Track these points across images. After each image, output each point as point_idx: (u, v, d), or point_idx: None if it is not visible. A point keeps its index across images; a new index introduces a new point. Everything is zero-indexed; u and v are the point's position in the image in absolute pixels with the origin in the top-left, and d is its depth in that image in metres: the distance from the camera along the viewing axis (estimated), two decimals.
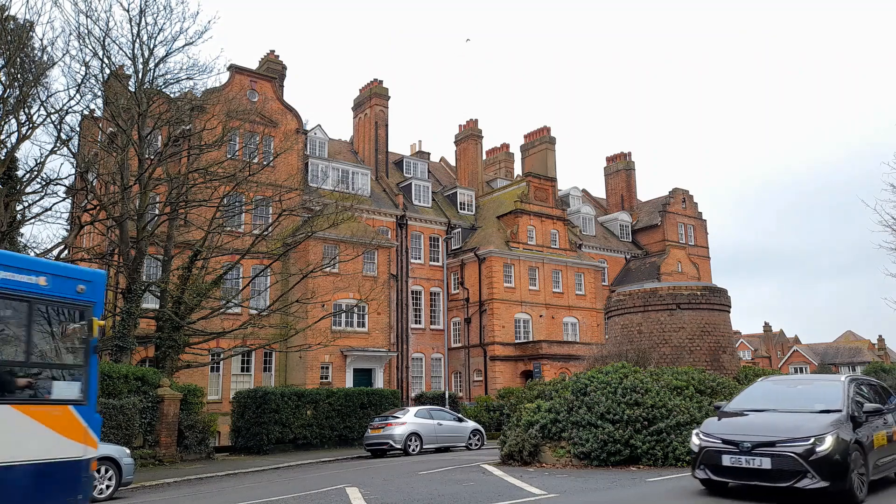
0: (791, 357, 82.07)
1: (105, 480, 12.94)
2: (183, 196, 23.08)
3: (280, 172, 33.19)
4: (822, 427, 8.77)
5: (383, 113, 44.58)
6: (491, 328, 39.26)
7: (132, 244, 22.27)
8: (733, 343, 19.80)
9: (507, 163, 56.24)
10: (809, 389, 10.47)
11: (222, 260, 26.30)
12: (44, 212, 21.26)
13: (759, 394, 10.69)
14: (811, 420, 9.05)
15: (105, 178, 24.47)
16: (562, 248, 44.07)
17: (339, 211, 26.50)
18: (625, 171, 57.59)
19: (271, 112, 35.35)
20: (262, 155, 32.40)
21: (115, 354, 21.60)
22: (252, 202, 30.39)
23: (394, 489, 11.56)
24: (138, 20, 21.50)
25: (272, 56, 39.24)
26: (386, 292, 35.20)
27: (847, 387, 9.88)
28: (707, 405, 14.55)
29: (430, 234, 42.28)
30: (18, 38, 18.80)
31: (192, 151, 24.12)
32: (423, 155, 50.93)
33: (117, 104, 21.62)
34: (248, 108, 31.46)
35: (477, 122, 49.15)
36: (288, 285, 28.11)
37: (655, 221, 54.12)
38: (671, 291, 18.87)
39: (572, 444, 14.26)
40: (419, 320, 40.83)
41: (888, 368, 58.12)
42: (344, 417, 26.47)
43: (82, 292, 9.02)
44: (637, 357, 17.07)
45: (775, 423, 9.27)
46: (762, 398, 10.39)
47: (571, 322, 43.08)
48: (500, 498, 9.82)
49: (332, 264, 30.77)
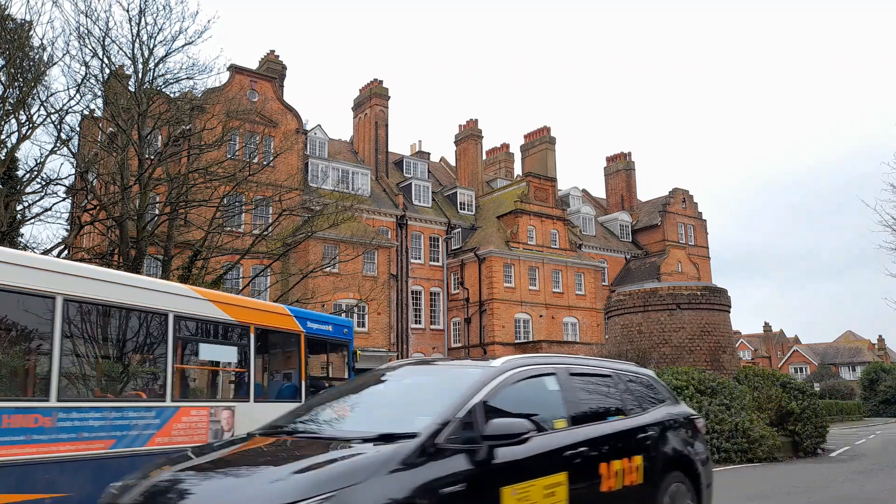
0: (791, 357, 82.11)
1: None
2: (183, 196, 23.06)
3: (280, 172, 33.19)
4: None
5: (383, 113, 44.57)
6: (491, 328, 39.26)
7: (132, 244, 22.25)
8: (733, 343, 19.80)
9: (507, 163, 56.25)
10: (431, 384, 5.50)
11: (222, 260, 26.29)
12: (44, 212, 21.25)
13: (328, 399, 5.82)
14: (282, 479, 3.85)
15: (105, 178, 24.46)
16: (562, 248, 44.07)
17: (339, 211, 26.48)
18: (625, 171, 57.59)
19: (271, 112, 35.35)
20: (262, 155, 32.39)
21: None
22: (252, 202, 30.37)
23: None
24: (138, 20, 21.46)
25: (272, 56, 39.24)
26: (386, 292, 35.20)
27: (483, 381, 4.87)
28: (707, 405, 14.55)
29: (430, 234, 42.28)
30: (18, 38, 18.80)
31: (192, 151, 24.11)
32: (423, 155, 50.92)
33: (117, 104, 21.60)
34: (248, 108, 31.47)
35: (477, 122, 49.16)
36: (288, 285, 28.10)
37: (655, 221, 54.12)
38: (671, 291, 18.88)
39: None
40: (419, 320, 40.83)
41: (888, 368, 58.37)
42: None
43: (346, 333, 13.95)
44: (637, 357, 17.08)
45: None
46: (324, 405, 5.60)
47: (571, 322, 43.08)
48: None
49: (332, 264, 30.77)
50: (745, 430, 14.34)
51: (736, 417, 14.50)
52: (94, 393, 8.69)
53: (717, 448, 13.93)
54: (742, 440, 14.23)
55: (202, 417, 9.80)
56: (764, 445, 14.51)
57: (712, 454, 13.81)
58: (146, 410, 8.90)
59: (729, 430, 14.23)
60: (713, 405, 14.60)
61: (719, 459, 13.86)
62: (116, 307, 8.67)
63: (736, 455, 14.06)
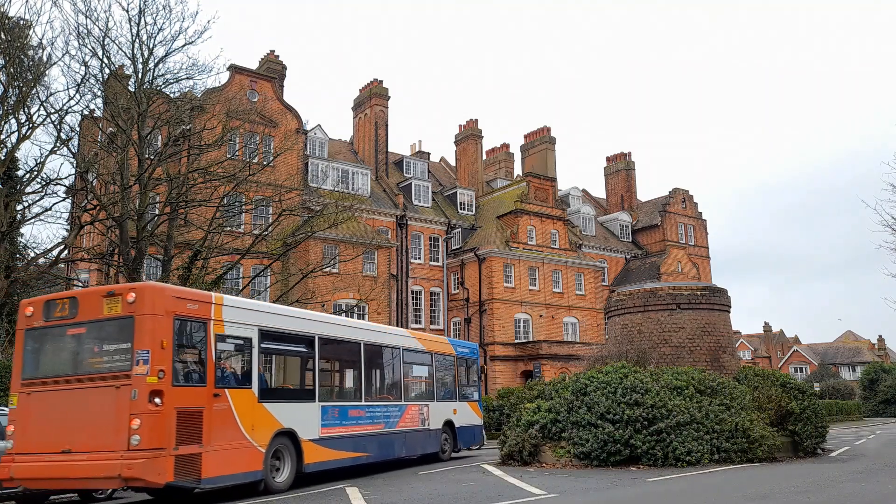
0: (791, 357, 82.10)
1: None
2: (183, 196, 23.06)
3: (280, 172, 33.19)
4: None
5: (383, 113, 44.58)
6: (491, 328, 39.26)
7: (132, 244, 22.25)
8: (733, 343, 19.79)
9: (507, 163, 56.25)
10: None
11: (222, 260, 26.29)
12: (44, 212, 21.26)
13: None
14: None
15: (105, 178, 24.44)
16: (562, 248, 44.08)
17: (339, 211, 26.49)
18: (625, 171, 57.59)
19: (271, 112, 35.35)
20: (262, 155, 32.37)
21: None
22: (252, 202, 30.37)
23: (393, 489, 11.56)
24: (138, 20, 21.45)
25: (272, 56, 39.24)
26: (386, 292, 35.20)
27: None
28: (707, 405, 14.55)
29: (430, 234, 42.28)
30: (18, 38, 18.79)
31: (192, 151, 24.11)
32: (423, 155, 50.92)
33: (117, 104, 21.59)
34: (248, 108, 31.44)
35: (477, 122, 49.16)
36: (288, 285, 28.10)
37: (655, 221, 54.13)
38: (671, 291, 18.86)
39: (572, 444, 14.25)
40: (419, 320, 40.83)
41: (888, 368, 58.36)
42: None
43: (474, 353, 20.41)
44: (637, 357, 17.06)
45: None
46: None
47: (571, 322, 43.09)
48: (499, 498, 9.81)
49: (332, 264, 30.76)
50: (745, 430, 14.34)
51: (736, 417, 14.49)
52: (376, 397, 15.48)
53: (717, 448, 13.92)
54: (742, 440, 14.22)
55: (417, 411, 16.72)
56: (764, 445, 14.51)
57: (713, 454, 13.81)
58: (395, 407, 15.89)
59: (729, 430, 14.21)
60: (713, 405, 14.60)
61: (719, 459, 13.86)
62: (387, 346, 16.07)
63: (736, 455, 14.05)
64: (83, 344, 10.50)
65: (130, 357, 9.79)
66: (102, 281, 28.51)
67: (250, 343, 11.62)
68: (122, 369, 9.81)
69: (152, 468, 9.42)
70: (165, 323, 10.03)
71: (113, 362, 10.07)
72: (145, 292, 10.10)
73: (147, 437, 9.45)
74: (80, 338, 10.49)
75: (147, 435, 9.46)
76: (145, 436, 9.44)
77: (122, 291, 10.18)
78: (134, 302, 9.96)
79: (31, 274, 21.83)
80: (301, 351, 13.26)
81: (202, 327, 10.73)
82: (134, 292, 10.06)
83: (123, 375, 9.74)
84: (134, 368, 9.70)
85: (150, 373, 9.65)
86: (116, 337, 10.16)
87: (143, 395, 9.56)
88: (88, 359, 10.43)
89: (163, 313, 10.03)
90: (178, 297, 10.51)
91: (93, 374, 10.11)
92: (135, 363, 9.72)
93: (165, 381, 9.79)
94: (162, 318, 10.00)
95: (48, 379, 10.39)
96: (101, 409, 9.73)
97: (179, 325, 10.32)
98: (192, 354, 10.62)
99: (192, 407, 10.17)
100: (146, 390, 9.58)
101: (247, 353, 11.63)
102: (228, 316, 11.25)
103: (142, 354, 9.74)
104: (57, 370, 10.55)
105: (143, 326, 9.85)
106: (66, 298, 10.69)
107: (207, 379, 10.60)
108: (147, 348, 9.75)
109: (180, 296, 10.59)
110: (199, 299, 10.89)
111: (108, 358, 10.24)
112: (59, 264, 24.52)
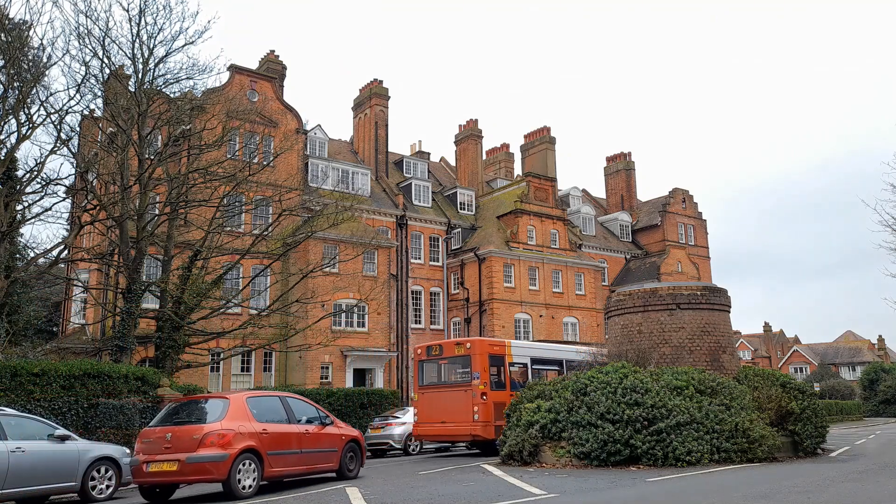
0: (791, 357, 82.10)
1: (105, 480, 12.91)
2: (183, 196, 23.06)
3: (280, 172, 33.17)
4: None
5: (383, 113, 44.55)
6: (491, 328, 39.25)
7: (132, 244, 22.25)
8: (733, 343, 19.77)
9: (507, 163, 56.22)
10: None
11: (222, 260, 26.28)
12: (44, 212, 21.22)
13: None
14: None
15: (105, 178, 24.44)
16: (562, 248, 44.06)
17: (339, 211, 26.46)
18: (625, 171, 57.56)
19: (271, 112, 35.33)
20: (262, 155, 32.37)
21: (114, 354, 21.58)
22: (252, 202, 30.37)
23: (393, 489, 11.56)
24: (138, 20, 21.46)
25: (272, 56, 39.21)
26: (386, 292, 35.19)
27: None
28: (707, 405, 14.54)
29: (430, 234, 42.27)
30: (18, 38, 18.79)
31: (192, 151, 24.11)
32: (423, 155, 50.89)
33: (117, 104, 21.60)
34: (248, 108, 31.44)
35: (477, 122, 49.13)
36: (288, 285, 28.10)
37: (655, 221, 54.11)
38: (671, 291, 18.83)
39: (572, 444, 14.25)
40: (419, 320, 40.83)
41: (888, 368, 58.35)
42: (344, 417, 26.36)
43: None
44: (637, 357, 17.05)
45: None
46: None
47: (571, 322, 43.08)
48: (499, 498, 9.81)
49: (332, 264, 30.75)
50: (745, 430, 14.33)
51: (736, 417, 14.48)
52: None
53: (718, 448, 13.92)
54: (742, 440, 14.21)
55: None
56: (764, 445, 14.49)
57: (713, 454, 13.81)
58: None
59: (729, 430, 14.20)
60: (713, 405, 14.59)
61: (719, 459, 13.86)
62: (575, 360, 21.24)
63: (736, 455, 14.04)
64: (447, 368, 19.83)
65: (470, 375, 18.86)
66: (102, 281, 28.52)
67: (526, 365, 20.63)
68: (467, 381, 18.95)
69: (485, 430, 18.37)
70: (485, 358, 18.99)
71: (462, 378, 19.14)
72: (475, 342, 19.37)
73: (482, 415, 18.38)
74: (446, 366, 19.90)
75: (482, 414, 18.38)
76: (481, 414, 18.37)
77: (464, 342, 19.43)
78: (470, 347, 19.09)
79: (31, 274, 21.82)
80: (554, 368, 21.47)
81: (502, 359, 19.67)
82: (470, 343, 19.27)
83: (468, 384, 18.87)
84: (473, 381, 18.75)
85: (480, 383, 18.62)
86: (462, 364, 19.23)
87: (478, 394, 18.55)
88: (451, 376, 19.66)
89: (484, 353, 18.99)
90: (491, 343, 19.83)
91: (454, 384, 19.40)
92: (472, 378, 18.78)
93: (487, 388, 18.72)
94: (484, 356, 18.96)
95: (431, 386, 20.01)
96: (458, 401, 18.82)
97: (491, 358, 19.21)
98: (498, 373, 19.42)
99: (500, 401, 18.54)
100: (479, 392, 18.56)
101: (525, 370, 20.50)
102: (514, 351, 20.30)
103: (475, 374, 18.76)
104: (434, 381, 20.09)
105: (476, 360, 18.89)
106: (436, 345, 20.52)
107: (506, 386, 19.39)
108: (477, 371, 18.76)
109: (492, 343, 19.89)
110: (501, 343, 20.06)
111: (460, 376, 19.30)
112: (59, 264, 24.53)
